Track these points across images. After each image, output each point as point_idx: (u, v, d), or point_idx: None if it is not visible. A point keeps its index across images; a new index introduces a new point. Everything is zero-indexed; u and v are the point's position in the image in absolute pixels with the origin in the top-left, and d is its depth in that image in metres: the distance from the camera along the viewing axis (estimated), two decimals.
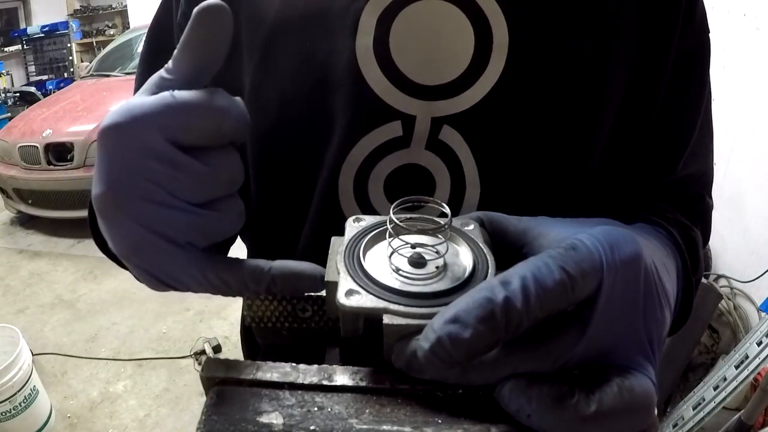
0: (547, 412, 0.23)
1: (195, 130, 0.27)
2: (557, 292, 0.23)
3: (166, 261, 0.27)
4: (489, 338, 0.22)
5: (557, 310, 0.24)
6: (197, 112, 0.27)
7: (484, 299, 0.23)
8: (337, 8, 0.41)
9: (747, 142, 1.92)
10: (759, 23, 1.85)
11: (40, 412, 2.01)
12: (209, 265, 0.28)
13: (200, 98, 0.27)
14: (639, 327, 0.27)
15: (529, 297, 0.23)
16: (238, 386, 0.26)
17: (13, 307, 2.93)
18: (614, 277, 0.25)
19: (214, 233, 0.28)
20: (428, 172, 0.43)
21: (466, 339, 0.22)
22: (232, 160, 0.29)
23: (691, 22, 0.44)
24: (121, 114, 0.26)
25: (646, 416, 0.25)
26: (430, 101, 0.41)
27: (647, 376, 0.26)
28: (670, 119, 0.46)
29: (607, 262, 0.25)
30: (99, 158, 0.26)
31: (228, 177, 0.29)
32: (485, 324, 0.22)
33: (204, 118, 0.27)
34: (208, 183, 0.28)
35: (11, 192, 3.74)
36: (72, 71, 7.61)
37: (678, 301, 0.40)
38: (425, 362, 0.23)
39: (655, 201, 0.48)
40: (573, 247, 0.25)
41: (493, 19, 0.40)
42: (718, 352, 1.95)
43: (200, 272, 0.27)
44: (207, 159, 0.27)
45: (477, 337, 0.22)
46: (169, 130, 0.26)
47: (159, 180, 0.26)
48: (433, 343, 0.22)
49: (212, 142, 0.28)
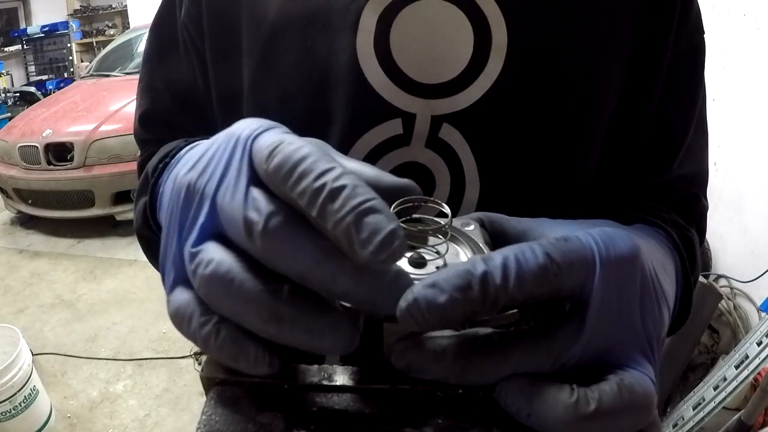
0: (547, 412, 0.23)
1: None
2: (538, 275, 0.24)
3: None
4: (463, 307, 0.23)
5: (539, 295, 0.24)
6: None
7: (464, 270, 0.23)
8: (338, 7, 0.42)
9: (747, 142, 1.92)
10: (759, 23, 1.85)
11: (40, 412, 2.01)
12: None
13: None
14: (637, 326, 0.27)
15: (508, 274, 0.23)
16: (238, 386, 0.26)
17: (13, 307, 2.93)
18: (609, 275, 0.25)
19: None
20: (428, 170, 0.43)
21: (440, 303, 0.23)
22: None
23: (687, 23, 0.44)
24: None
25: (646, 415, 0.25)
26: (430, 99, 0.41)
27: (647, 375, 0.26)
28: (665, 119, 0.47)
29: (601, 258, 0.25)
30: None
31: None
32: (461, 292, 0.23)
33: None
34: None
35: (11, 192, 3.74)
36: (72, 71, 7.61)
37: (677, 302, 0.40)
38: (401, 321, 0.23)
39: (651, 201, 0.48)
40: (565, 239, 0.26)
41: (492, 19, 0.40)
42: (718, 352, 1.95)
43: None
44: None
45: (451, 303, 0.23)
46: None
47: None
48: (409, 302, 0.23)
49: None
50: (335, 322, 0.23)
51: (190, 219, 0.26)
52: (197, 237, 0.26)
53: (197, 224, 0.26)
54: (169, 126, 0.54)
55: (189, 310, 0.26)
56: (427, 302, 0.23)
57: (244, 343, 0.24)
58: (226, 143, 0.27)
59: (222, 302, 0.25)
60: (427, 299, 0.23)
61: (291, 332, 0.23)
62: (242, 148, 0.26)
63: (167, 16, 0.52)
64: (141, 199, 0.44)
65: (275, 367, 0.25)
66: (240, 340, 0.24)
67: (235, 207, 0.24)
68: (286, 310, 0.23)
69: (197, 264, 0.25)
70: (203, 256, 0.25)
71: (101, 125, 3.57)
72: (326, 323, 0.23)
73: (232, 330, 0.25)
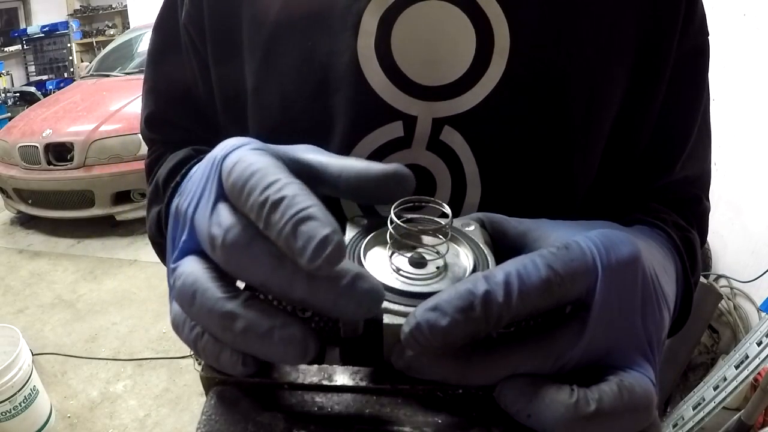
0: (547, 412, 0.23)
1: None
2: (541, 290, 0.24)
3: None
4: (466, 328, 0.23)
5: (543, 307, 0.24)
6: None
7: (466, 291, 0.23)
8: (339, 8, 0.41)
9: (747, 142, 1.92)
10: (759, 23, 1.85)
11: (40, 412, 2.01)
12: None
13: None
14: (638, 328, 0.27)
15: (511, 292, 0.23)
16: (238, 386, 0.26)
17: (13, 307, 2.93)
18: (611, 278, 0.25)
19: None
20: (429, 173, 0.43)
21: (442, 326, 0.23)
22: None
23: (692, 24, 0.44)
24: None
25: (646, 416, 0.25)
26: (431, 102, 0.41)
27: (647, 376, 0.26)
28: (668, 120, 0.46)
29: (602, 263, 0.25)
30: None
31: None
32: (463, 314, 0.23)
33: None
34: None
35: (11, 192, 3.73)
36: (72, 71, 7.61)
37: (678, 303, 0.40)
38: (406, 345, 0.24)
39: (653, 202, 0.48)
40: (566, 246, 0.26)
41: (494, 21, 0.40)
42: (718, 352, 1.95)
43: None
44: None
45: (454, 325, 0.23)
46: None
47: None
48: (412, 327, 0.23)
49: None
50: (287, 331, 0.24)
51: (177, 239, 0.29)
52: (178, 254, 0.28)
53: (179, 243, 0.29)
54: (172, 126, 0.55)
55: (181, 317, 0.28)
56: (430, 326, 0.23)
57: (221, 345, 0.26)
58: (206, 165, 0.29)
59: (191, 311, 0.26)
60: (429, 323, 0.23)
61: (244, 339, 0.24)
62: (216, 169, 0.28)
63: (168, 18, 0.52)
64: (153, 208, 0.45)
65: (251, 367, 0.25)
66: (218, 343, 0.26)
67: (203, 223, 0.27)
68: (240, 318, 0.24)
69: (174, 278, 0.27)
70: (179, 270, 0.27)
71: (101, 125, 3.57)
72: (279, 331, 0.24)
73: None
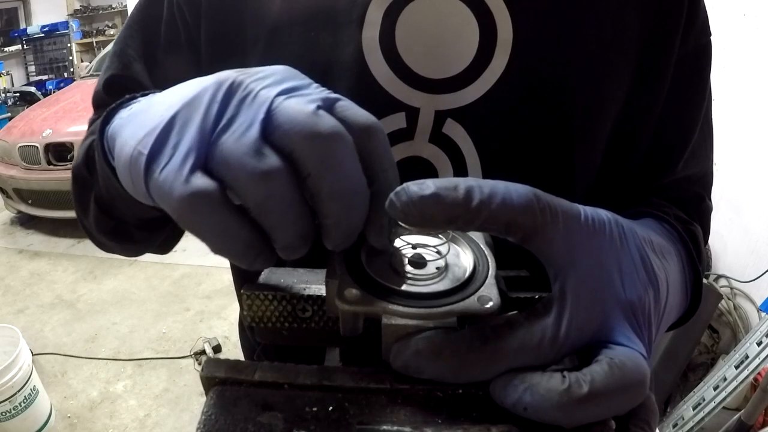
0: (541, 401, 0.23)
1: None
2: (522, 204, 0.25)
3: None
4: (445, 207, 0.24)
5: (522, 223, 0.25)
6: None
7: (454, 179, 0.25)
8: (344, 1, 0.42)
9: (747, 142, 1.92)
10: (759, 23, 1.85)
11: (40, 412, 2.01)
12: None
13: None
14: (621, 298, 0.27)
15: (495, 193, 0.24)
16: (238, 386, 0.26)
17: (13, 307, 2.93)
18: (584, 247, 0.26)
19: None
20: (431, 165, 0.43)
21: (424, 195, 0.24)
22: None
23: (694, 24, 0.44)
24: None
25: (641, 389, 0.25)
26: (434, 94, 0.41)
27: (637, 351, 0.26)
28: (671, 119, 0.46)
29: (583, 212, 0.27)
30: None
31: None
32: (445, 191, 0.24)
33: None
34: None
35: (11, 192, 3.73)
36: (72, 71, 7.61)
37: (689, 291, 0.40)
38: (388, 210, 0.25)
39: (654, 198, 0.48)
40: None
41: (497, 15, 0.40)
42: (718, 352, 1.95)
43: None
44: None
45: (435, 198, 0.24)
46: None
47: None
48: (398, 190, 0.24)
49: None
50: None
51: (243, 116, 0.26)
52: (258, 135, 0.25)
53: (256, 122, 0.25)
54: (132, 90, 0.51)
55: (216, 192, 0.25)
56: (413, 192, 0.24)
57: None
58: (232, 92, 0.27)
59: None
60: (411, 190, 0.24)
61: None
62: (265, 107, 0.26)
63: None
64: (89, 138, 0.43)
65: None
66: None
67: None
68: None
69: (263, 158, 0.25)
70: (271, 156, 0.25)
71: None
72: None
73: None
